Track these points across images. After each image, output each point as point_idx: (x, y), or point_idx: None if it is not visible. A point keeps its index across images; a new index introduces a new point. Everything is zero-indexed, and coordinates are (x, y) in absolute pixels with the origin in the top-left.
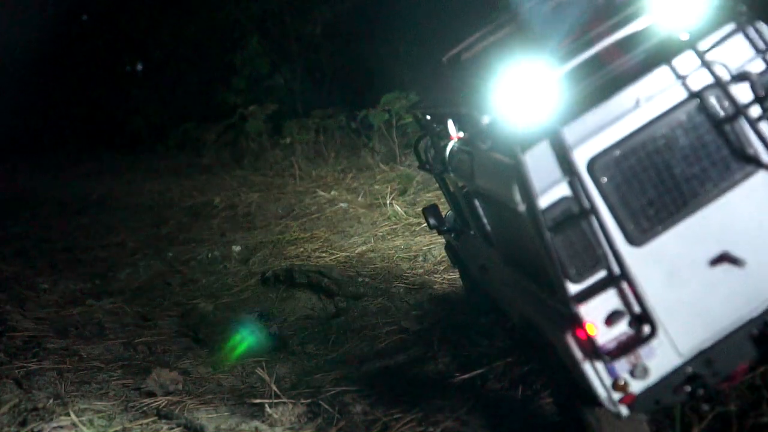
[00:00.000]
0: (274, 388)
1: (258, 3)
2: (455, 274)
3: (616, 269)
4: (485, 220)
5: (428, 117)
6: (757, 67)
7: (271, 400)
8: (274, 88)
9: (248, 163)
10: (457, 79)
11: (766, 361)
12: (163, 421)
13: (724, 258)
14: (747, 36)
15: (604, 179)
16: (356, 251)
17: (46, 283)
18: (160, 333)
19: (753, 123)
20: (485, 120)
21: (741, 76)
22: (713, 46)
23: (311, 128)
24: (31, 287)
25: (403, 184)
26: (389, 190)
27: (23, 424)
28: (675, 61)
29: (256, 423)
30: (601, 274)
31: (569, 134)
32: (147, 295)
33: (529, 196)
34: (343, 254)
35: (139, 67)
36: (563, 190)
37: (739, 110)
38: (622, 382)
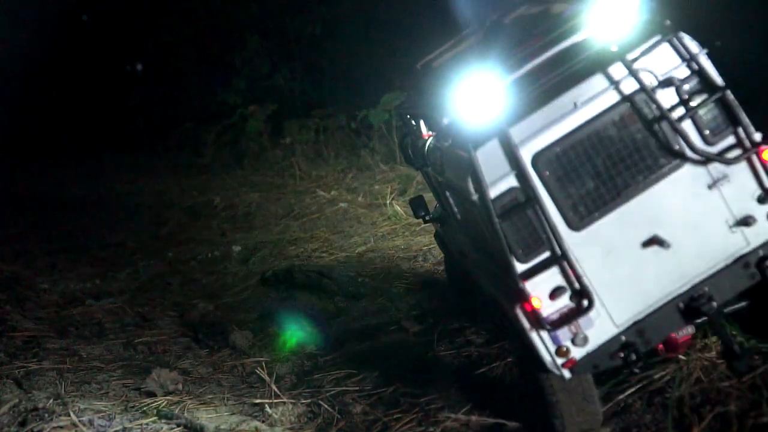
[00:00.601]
0: (274, 388)
1: (258, 3)
2: None
3: (557, 251)
4: (456, 209)
5: (408, 116)
6: (681, 73)
7: (271, 400)
8: (274, 88)
9: (248, 163)
10: (428, 84)
11: (705, 333)
12: (163, 421)
13: (653, 241)
14: (672, 46)
15: (547, 172)
16: (356, 251)
17: (46, 283)
18: (160, 333)
19: (674, 123)
20: (445, 121)
21: (666, 82)
22: (641, 56)
23: (311, 128)
24: (31, 287)
25: (403, 184)
26: (389, 190)
27: (23, 424)
28: (608, 70)
29: (256, 423)
30: (545, 254)
31: (516, 133)
32: (147, 295)
33: (480, 187)
34: (343, 254)
35: (139, 67)
36: (511, 181)
37: (663, 112)
38: (564, 349)
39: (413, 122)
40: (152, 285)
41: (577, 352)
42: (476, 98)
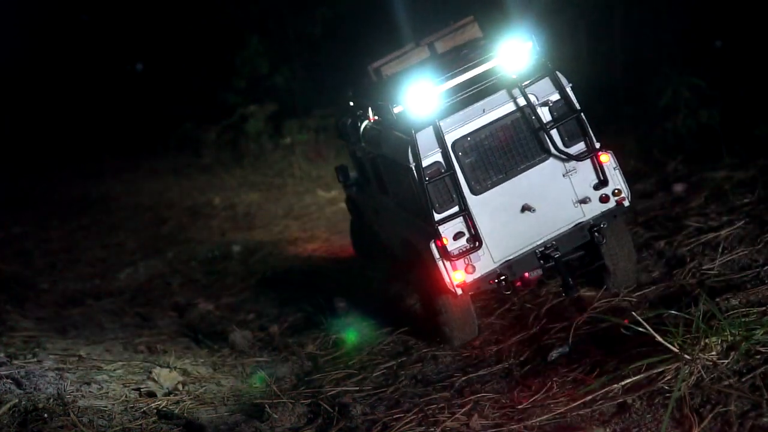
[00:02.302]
0: (274, 388)
1: (258, 3)
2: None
3: (462, 207)
4: (385, 177)
5: (351, 104)
6: (554, 98)
7: (271, 400)
8: (274, 88)
9: (248, 163)
10: (379, 81)
11: (550, 273)
12: (163, 421)
13: (525, 207)
14: (551, 79)
15: (460, 154)
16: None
17: (46, 283)
18: (160, 333)
19: (546, 130)
20: (396, 110)
21: (545, 103)
22: (530, 84)
23: (311, 128)
24: (31, 287)
25: None
26: None
27: (23, 424)
28: (508, 90)
29: (256, 423)
30: (454, 209)
31: (443, 125)
32: (147, 295)
33: (417, 159)
34: (344, 254)
35: (139, 67)
36: (437, 157)
37: (540, 123)
38: (460, 275)
39: (357, 109)
40: (152, 285)
41: (467, 278)
42: (419, 98)
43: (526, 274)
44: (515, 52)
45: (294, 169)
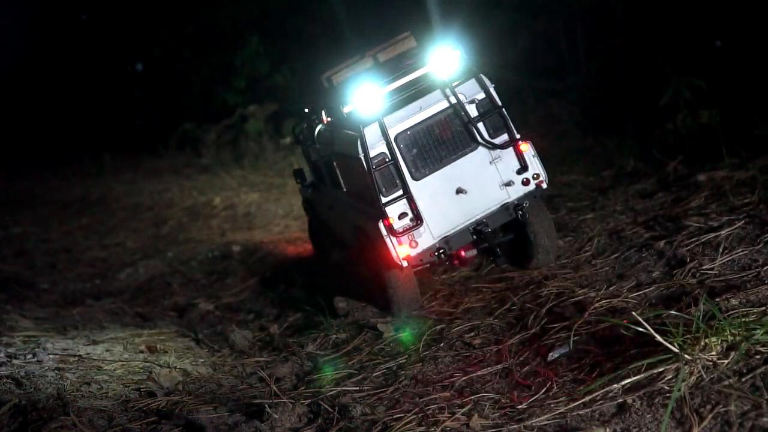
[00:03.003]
0: (274, 388)
1: (258, 3)
2: (459, 274)
3: (405, 191)
4: (338, 172)
5: (306, 110)
6: (480, 96)
7: (271, 400)
8: (274, 88)
9: (248, 163)
10: (331, 88)
11: (484, 249)
12: (163, 421)
13: (459, 190)
14: (477, 81)
15: (401, 145)
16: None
17: (46, 283)
18: (160, 333)
19: (474, 124)
20: (346, 109)
21: (472, 101)
22: (459, 85)
23: None
24: (31, 287)
25: None
26: None
27: (23, 424)
28: (441, 90)
29: (256, 423)
30: (398, 193)
31: (387, 121)
32: (147, 295)
33: (365, 150)
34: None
35: (139, 67)
36: (382, 148)
37: (469, 118)
38: (404, 249)
39: (311, 114)
40: (152, 285)
41: (411, 251)
42: (366, 98)
43: (463, 253)
44: (446, 59)
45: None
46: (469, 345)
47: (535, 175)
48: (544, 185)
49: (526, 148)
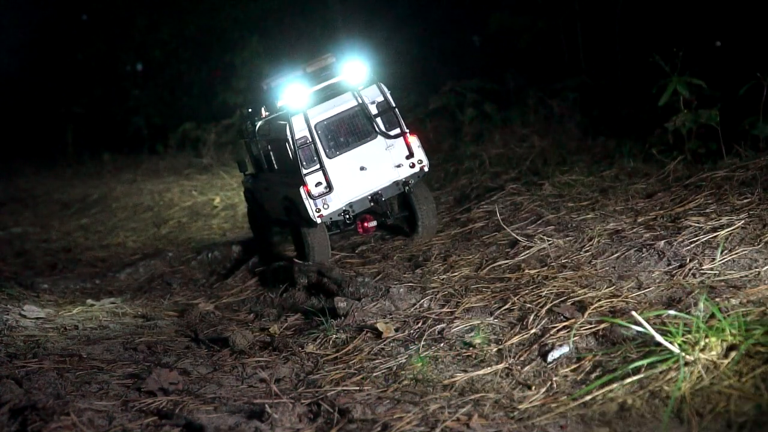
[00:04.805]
0: (275, 388)
1: (258, 2)
2: (459, 273)
3: (320, 165)
4: (272, 156)
5: (249, 110)
6: (379, 98)
7: (271, 400)
8: None
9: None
10: (269, 90)
11: (378, 215)
12: (163, 420)
13: (362, 168)
14: (377, 86)
15: (319, 131)
16: (356, 251)
17: (46, 283)
18: (160, 333)
19: (374, 120)
20: (280, 104)
21: (373, 101)
22: (364, 89)
23: None
24: (31, 287)
25: None
26: None
27: (23, 424)
28: (351, 92)
29: (256, 423)
30: (316, 166)
31: (309, 113)
32: (147, 295)
33: (292, 135)
34: (343, 254)
35: (139, 67)
36: (305, 133)
37: (370, 114)
38: (319, 209)
39: (252, 113)
40: (152, 285)
41: (324, 212)
42: (295, 96)
43: (366, 224)
44: (355, 70)
45: None
46: (469, 345)
47: (419, 161)
48: (426, 169)
49: (413, 139)
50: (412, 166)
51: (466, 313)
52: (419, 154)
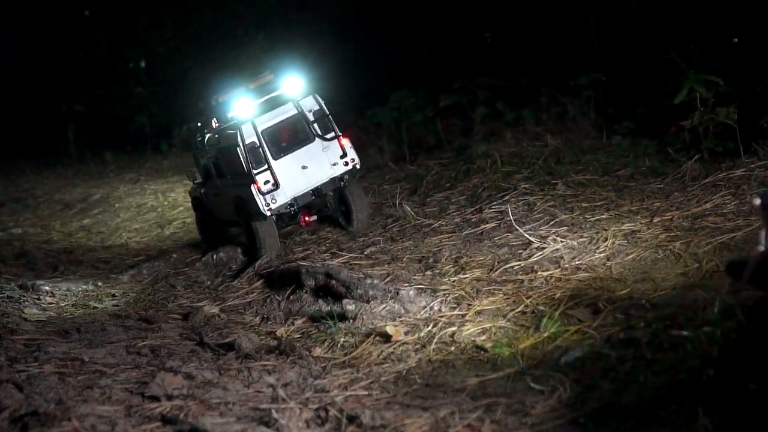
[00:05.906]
0: (281, 393)
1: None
2: (470, 275)
3: (268, 166)
4: (222, 164)
5: (199, 123)
6: (316, 107)
7: (278, 406)
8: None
9: None
10: (217, 104)
11: (317, 207)
12: (167, 426)
13: (303, 167)
14: (314, 97)
15: (266, 136)
16: (365, 252)
17: (47, 285)
18: (164, 336)
19: (311, 125)
20: (230, 115)
21: (311, 110)
22: (302, 99)
23: None
24: (32, 289)
25: (412, 184)
26: (398, 189)
27: (24, 429)
28: (292, 103)
29: (262, 429)
30: (264, 167)
31: (257, 122)
32: (150, 297)
33: (242, 140)
34: (351, 255)
35: (142, 64)
36: (253, 138)
37: (308, 121)
38: (268, 204)
39: (203, 127)
40: (156, 287)
41: (273, 206)
42: (243, 108)
43: (307, 218)
44: (294, 84)
45: None
46: (481, 348)
47: (351, 159)
48: (357, 166)
49: (346, 142)
50: (346, 164)
51: (477, 315)
52: (351, 153)
